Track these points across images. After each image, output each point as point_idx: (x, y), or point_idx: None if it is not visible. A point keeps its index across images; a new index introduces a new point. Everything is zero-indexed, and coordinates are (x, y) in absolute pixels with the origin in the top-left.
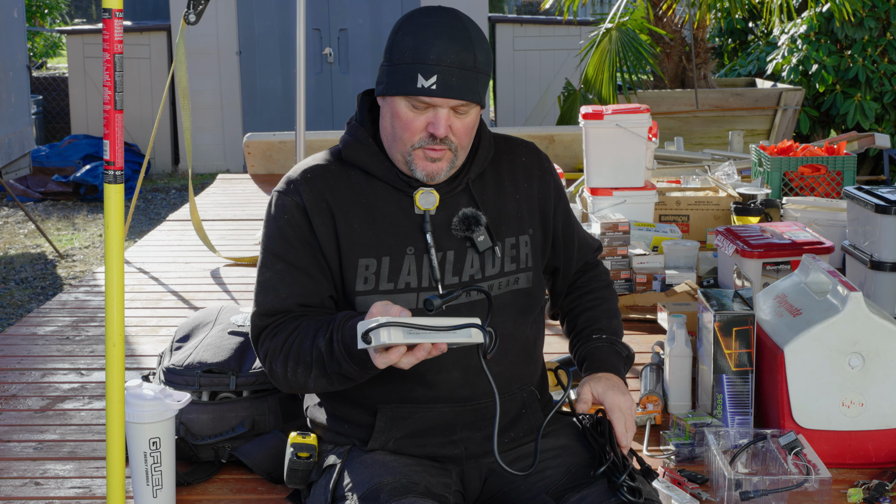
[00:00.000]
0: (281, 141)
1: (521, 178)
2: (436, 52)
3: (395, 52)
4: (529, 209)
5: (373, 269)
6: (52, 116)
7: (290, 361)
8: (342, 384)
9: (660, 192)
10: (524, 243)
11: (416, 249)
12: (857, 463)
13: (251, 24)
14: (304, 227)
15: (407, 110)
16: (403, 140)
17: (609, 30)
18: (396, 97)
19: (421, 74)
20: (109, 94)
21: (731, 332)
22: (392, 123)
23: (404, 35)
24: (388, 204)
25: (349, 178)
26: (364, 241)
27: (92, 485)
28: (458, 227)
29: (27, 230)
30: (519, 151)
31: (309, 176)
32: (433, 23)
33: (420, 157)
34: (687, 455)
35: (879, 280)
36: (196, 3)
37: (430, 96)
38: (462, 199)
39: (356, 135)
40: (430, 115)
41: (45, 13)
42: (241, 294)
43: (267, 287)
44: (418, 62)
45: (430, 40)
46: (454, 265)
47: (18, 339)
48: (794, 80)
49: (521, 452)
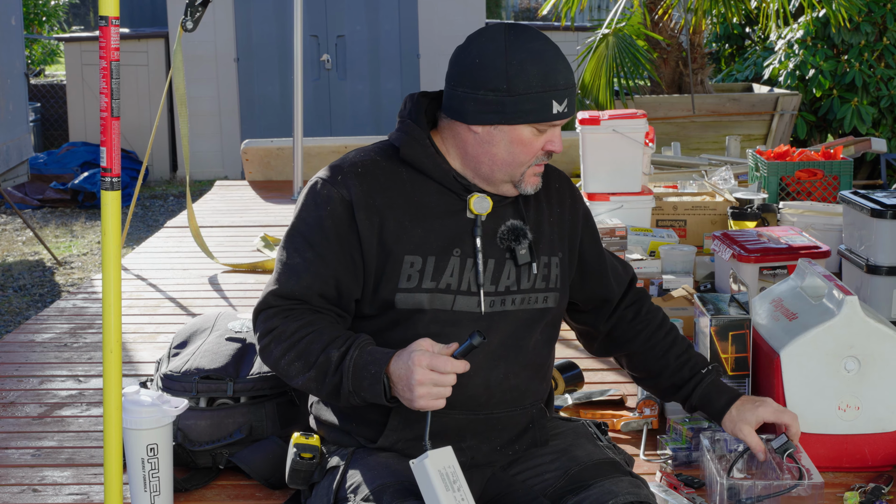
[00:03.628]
0: (279, 147)
1: (555, 202)
2: (563, 77)
3: (517, 82)
4: (560, 233)
5: (418, 266)
6: (50, 124)
7: (292, 353)
8: (328, 397)
9: (657, 196)
10: (555, 264)
11: (462, 252)
12: (853, 467)
13: (249, 31)
14: (344, 222)
15: (531, 136)
16: (521, 162)
17: (606, 35)
18: (521, 125)
19: (556, 101)
20: (106, 101)
21: (728, 336)
22: (510, 150)
23: (523, 63)
24: (438, 205)
25: (400, 176)
26: (412, 238)
27: (90, 491)
28: (506, 237)
29: (25, 237)
30: (553, 178)
31: (360, 171)
32: (543, 48)
33: (530, 175)
34: (684, 459)
35: (875, 284)
36: (193, 11)
37: (563, 119)
38: (509, 211)
39: (412, 133)
40: (548, 135)
41: (43, 20)
42: (238, 301)
43: (292, 271)
44: (552, 89)
45: (555, 65)
46: (493, 274)
47: (16, 346)
48: (791, 84)
49: (518, 456)
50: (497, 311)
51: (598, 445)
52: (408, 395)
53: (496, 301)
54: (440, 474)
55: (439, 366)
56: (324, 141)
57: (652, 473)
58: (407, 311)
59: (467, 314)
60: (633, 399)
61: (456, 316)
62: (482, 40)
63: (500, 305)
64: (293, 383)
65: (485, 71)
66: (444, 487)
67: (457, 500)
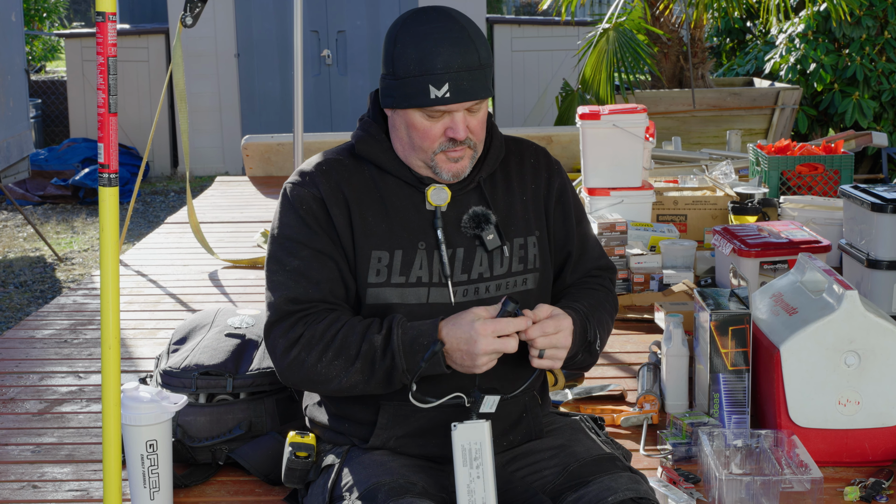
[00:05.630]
0: (279, 143)
1: (529, 179)
2: (442, 61)
3: (398, 66)
4: (536, 211)
5: (385, 261)
6: (51, 120)
7: (329, 353)
8: (379, 386)
9: (657, 191)
10: (532, 244)
11: (427, 245)
12: (853, 461)
13: (249, 27)
14: (322, 217)
15: (423, 120)
16: (424, 148)
17: (606, 30)
18: (410, 109)
19: (432, 86)
20: (104, 97)
21: (728, 331)
22: (409, 134)
23: (404, 47)
24: (400, 199)
25: (363, 173)
26: (377, 233)
27: (90, 487)
28: (468, 225)
29: (26, 234)
30: (528, 153)
31: (324, 168)
32: (431, 30)
33: (443, 161)
34: (684, 454)
35: (876, 278)
36: (193, 6)
37: (446, 104)
38: (473, 197)
39: (369, 130)
40: (447, 121)
41: (44, 17)
42: (238, 296)
43: (297, 275)
44: (427, 73)
45: (433, 49)
46: (463, 262)
47: (17, 342)
48: (792, 79)
49: (517, 452)
50: (471, 300)
51: (596, 441)
52: (468, 362)
53: (469, 290)
54: (462, 448)
55: (502, 329)
56: (324, 136)
57: (653, 469)
58: (378, 306)
59: (443, 306)
60: (633, 394)
61: (433, 309)
62: (392, 24)
63: (475, 294)
64: (333, 385)
65: (384, 55)
66: (462, 462)
67: (471, 477)
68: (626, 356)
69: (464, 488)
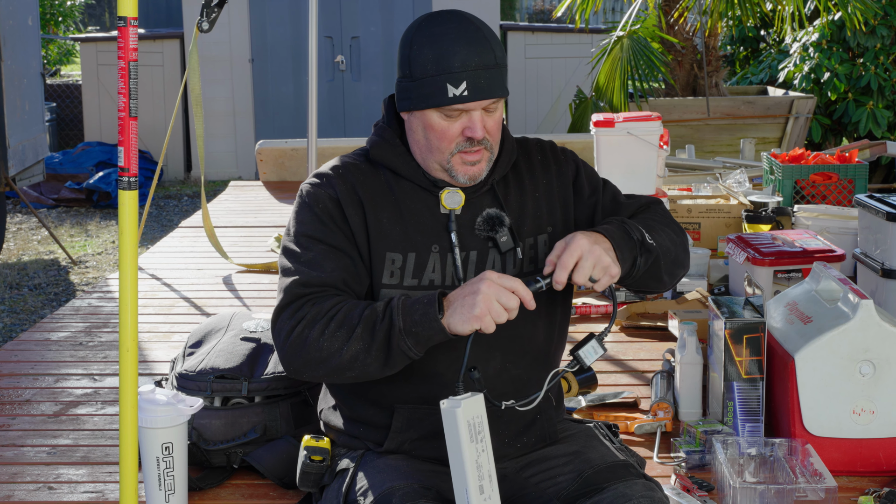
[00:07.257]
0: (293, 148)
1: (540, 175)
2: (459, 60)
3: (415, 66)
4: (550, 205)
5: (398, 263)
6: (66, 123)
7: (332, 325)
8: (379, 354)
9: (671, 199)
10: (543, 242)
11: (440, 248)
12: (867, 471)
13: (264, 32)
14: (338, 216)
15: (441, 120)
16: (441, 149)
17: (620, 38)
18: (427, 110)
19: (450, 84)
20: (124, 101)
21: (742, 339)
22: (426, 135)
23: (421, 48)
24: (414, 202)
25: (378, 176)
26: (392, 235)
27: (105, 489)
28: (482, 228)
29: (40, 236)
30: (534, 151)
31: (340, 171)
32: (446, 30)
33: (459, 163)
34: (697, 462)
35: (890, 288)
36: (209, 11)
37: (464, 103)
38: (486, 199)
39: (383, 135)
40: (465, 120)
41: (60, 21)
42: (253, 300)
43: (311, 264)
44: (444, 72)
45: (450, 48)
46: (476, 265)
47: (32, 344)
48: (806, 88)
49: (532, 458)
50: None
51: (611, 448)
52: (468, 308)
53: None
54: (468, 424)
55: (507, 282)
56: (338, 142)
57: (666, 476)
58: None
59: None
60: (646, 402)
61: None
62: (406, 29)
63: None
64: (333, 362)
65: (399, 58)
66: (470, 439)
67: (478, 451)
68: (640, 364)
69: (472, 464)
